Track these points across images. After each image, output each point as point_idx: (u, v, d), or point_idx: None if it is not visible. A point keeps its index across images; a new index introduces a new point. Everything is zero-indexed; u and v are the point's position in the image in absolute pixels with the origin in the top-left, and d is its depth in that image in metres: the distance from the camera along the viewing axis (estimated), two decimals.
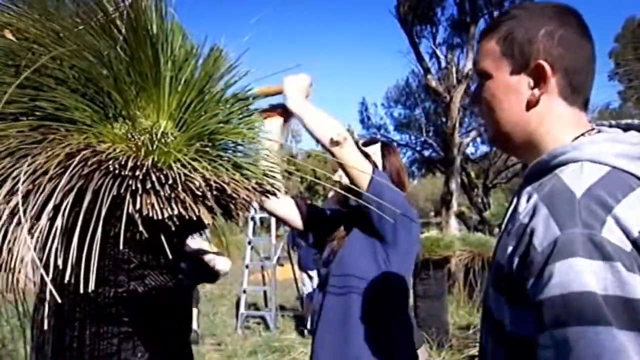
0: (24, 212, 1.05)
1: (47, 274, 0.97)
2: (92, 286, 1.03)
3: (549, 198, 0.83)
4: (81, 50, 1.21)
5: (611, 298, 0.71)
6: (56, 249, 1.05)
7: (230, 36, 1.35)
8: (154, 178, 1.13)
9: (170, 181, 1.13)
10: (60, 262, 1.04)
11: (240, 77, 1.32)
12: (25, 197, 1.06)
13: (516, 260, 0.84)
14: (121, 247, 1.11)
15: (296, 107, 1.81)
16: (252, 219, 7.41)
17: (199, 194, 1.11)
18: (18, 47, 1.24)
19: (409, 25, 17.42)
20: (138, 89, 1.23)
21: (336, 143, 1.77)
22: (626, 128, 0.95)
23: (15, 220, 1.04)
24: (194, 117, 1.24)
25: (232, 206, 1.24)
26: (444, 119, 18.30)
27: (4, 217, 1.03)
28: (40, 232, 1.07)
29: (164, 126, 1.23)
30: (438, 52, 18.46)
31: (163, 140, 1.19)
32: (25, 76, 1.10)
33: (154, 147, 1.17)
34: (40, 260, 1.08)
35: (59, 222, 1.07)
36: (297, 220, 2.20)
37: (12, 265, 1.08)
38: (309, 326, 6.53)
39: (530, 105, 0.92)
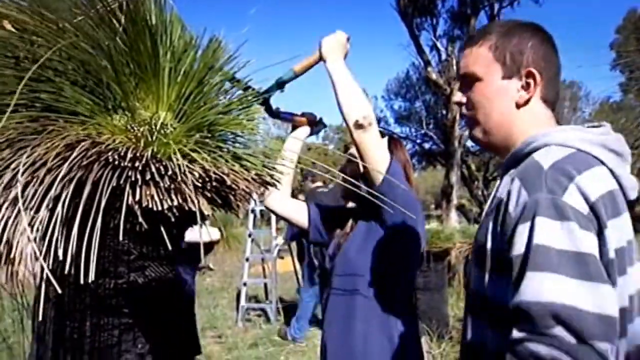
0: (23, 203, 1.05)
1: (47, 266, 0.97)
2: (92, 277, 1.04)
3: (522, 173, 0.96)
4: (80, 41, 1.21)
5: (564, 252, 0.83)
6: (56, 240, 1.05)
7: (229, 27, 1.35)
8: (153, 169, 1.13)
9: (170, 172, 1.12)
10: (60, 253, 1.04)
11: (240, 68, 1.32)
12: (25, 188, 1.06)
13: (498, 230, 0.96)
14: (121, 238, 1.11)
15: (335, 69, 1.73)
16: (253, 211, 7.41)
17: (199, 185, 1.11)
18: (17, 38, 1.23)
19: (409, 17, 17.36)
20: (137, 80, 1.23)
21: (360, 126, 1.71)
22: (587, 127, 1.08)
23: (14, 212, 1.04)
24: (193, 108, 1.24)
25: (231, 197, 1.24)
26: (444, 112, 18.26)
27: (4, 209, 1.03)
28: (40, 223, 1.07)
29: (163, 117, 1.22)
30: (438, 44, 18.40)
31: (162, 132, 1.19)
32: (29, 69, 1.09)
33: (154, 138, 1.17)
34: (40, 252, 1.08)
35: (58, 213, 1.07)
36: (302, 221, 2.18)
37: (11, 257, 1.08)
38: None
39: (519, 105, 1.06)
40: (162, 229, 1.04)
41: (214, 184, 1.15)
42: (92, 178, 1.09)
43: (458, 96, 1.12)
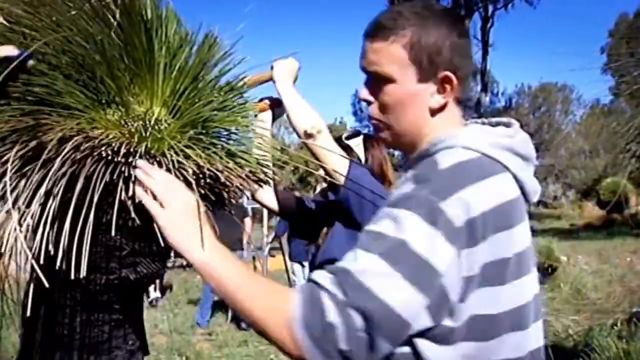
0: (15, 198, 1.04)
1: (38, 261, 0.96)
2: (83, 273, 1.03)
3: (418, 168, 0.94)
4: (74, 35, 1.20)
5: (414, 254, 0.81)
6: (47, 235, 1.04)
7: (225, 23, 1.34)
8: None
9: (164, 168, 1.12)
10: (51, 248, 1.04)
11: (235, 65, 1.31)
12: (17, 182, 1.05)
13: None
14: (113, 234, 1.10)
15: (283, 91, 1.82)
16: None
17: (192, 181, 1.10)
18: (9, 31, 1.22)
19: None
20: (132, 75, 1.22)
21: (309, 135, 1.80)
22: (496, 124, 1.04)
23: (5, 207, 1.03)
24: (187, 104, 1.23)
25: (225, 194, 1.24)
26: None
27: None
28: (31, 218, 1.06)
29: (157, 113, 1.22)
30: None
31: (156, 127, 1.18)
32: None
33: (147, 133, 1.16)
34: (30, 247, 1.07)
35: (50, 208, 1.06)
36: (274, 206, 2.24)
37: (1, 252, 1.08)
38: None
39: (432, 110, 0.98)
40: (155, 224, 1.04)
41: (208, 180, 1.14)
42: (85, 173, 1.09)
43: (364, 93, 1.02)
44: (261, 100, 1.97)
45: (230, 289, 0.93)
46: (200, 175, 1.12)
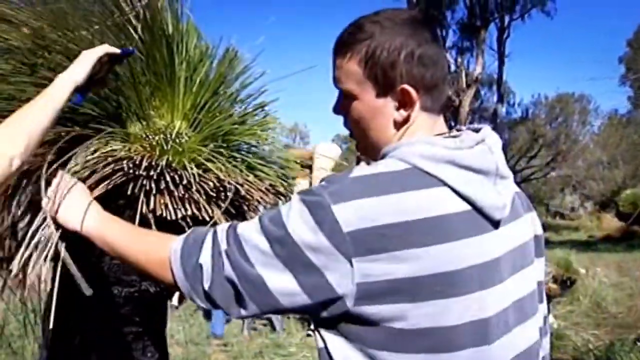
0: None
1: (59, 271, 0.97)
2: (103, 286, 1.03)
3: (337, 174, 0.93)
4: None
5: (293, 243, 0.83)
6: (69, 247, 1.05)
7: (245, 37, 1.35)
8: (168, 178, 1.13)
9: (185, 182, 1.12)
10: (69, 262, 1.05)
11: (256, 78, 1.32)
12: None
13: None
14: None
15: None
16: None
17: (213, 194, 1.11)
18: (34, 45, 1.24)
19: None
20: (153, 89, 1.23)
21: None
22: (476, 130, 0.99)
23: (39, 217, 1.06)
24: (208, 118, 1.24)
25: (245, 207, 1.24)
26: (453, 123, 18.26)
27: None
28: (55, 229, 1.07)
29: (178, 126, 1.23)
30: (448, 56, 18.41)
31: (177, 141, 1.19)
32: (46, 76, 1.10)
33: (169, 147, 1.17)
34: (52, 259, 1.08)
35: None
36: None
37: (20, 263, 1.09)
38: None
39: (397, 124, 0.95)
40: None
41: (228, 194, 1.15)
42: (106, 185, 1.09)
43: (336, 108, 1.01)
44: None
45: (123, 247, 1.00)
46: (221, 189, 1.13)
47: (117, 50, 1.10)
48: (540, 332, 1.01)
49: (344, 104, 0.98)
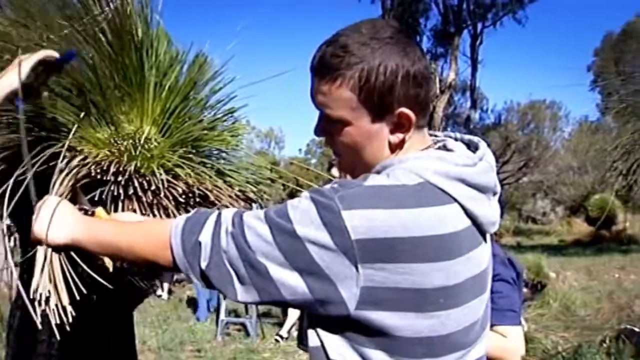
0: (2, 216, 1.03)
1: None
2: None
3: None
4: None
5: (297, 238, 0.82)
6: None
7: (215, 42, 1.35)
8: (136, 184, 1.12)
9: (153, 187, 1.12)
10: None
11: (226, 84, 1.32)
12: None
13: None
14: None
15: None
16: None
17: (182, 200, 1.11)
18: (1, 49, 1.22)
19: None
20: (122, 94, 1.23)
21: None
22: (468, 143, 0.98)
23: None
24: (178, 123, 1.24)
25: None
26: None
27: None
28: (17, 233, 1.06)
29: (147, 132, 1.22)
30: None
31: (146, 146, 1.19)
32: None
33: (137, 152, 1.17)
34: (16, 265, 1.06)
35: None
36: None
37: None
38: (283, 333, 6.52)
39: (392, 146, 0.92)
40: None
41: (197, 199, 1.15)
42: (72, 191, 1.08)
43: (321, 133, 0.97)
44: None
45: (118, 239, 0.96)
46: (190, 195, 1.13)
47: (56, 55, 1.05)
48: None
49: (331, 128, 0.93)
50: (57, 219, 0.99)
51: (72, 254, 1.01)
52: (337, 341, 0.86)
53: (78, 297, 0.98)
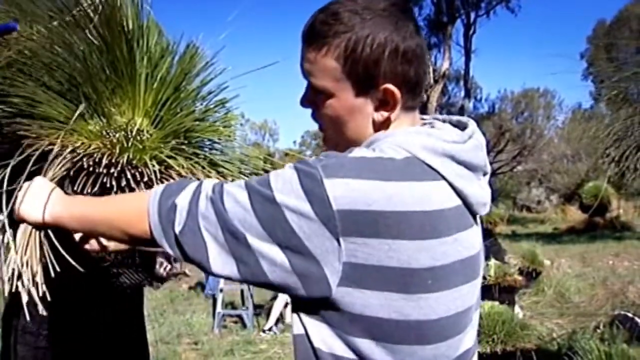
0: None
1: (20, 274, 0.96)
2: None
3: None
4: (55, 45, 1.20)
5: (275, 205, 0.78)
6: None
7: (207, 33, 1.35)
8: (129, 175, 1.12)
9: (146, 179, 1.12)
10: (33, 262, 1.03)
11: (217, 75, 1.32)
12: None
13: None
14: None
15: None
16: None
17: None
18: None
19: None
20: (113, 86, 1.22)
21: None
22: (457, 124, 0.95)
23: None
24: (169, 115, 1.24)
25: None
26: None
27: None
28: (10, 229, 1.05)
29: (139, 123, 1.22)
30: None
31: (138, 138, 1.18)
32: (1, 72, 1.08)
33: (129, 144, 1.16)
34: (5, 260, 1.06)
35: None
36: None
37: None
38: (266, 327, 6.55)
39: (376, 124, 0.89)
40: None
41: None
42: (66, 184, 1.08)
43: (305, 101, 0.94)
44: None
45: (94, 213, 0.93)
46: None
47: None
48: None
49: (316, 99, 0.91)
50: (39, 197, 0.96)
51: (51, 235, 0.99)
52: (322, 329, 0.83)
53: (52, 275, 0.96)
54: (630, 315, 4.88)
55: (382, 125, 0.90)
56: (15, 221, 1.00)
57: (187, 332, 6.71)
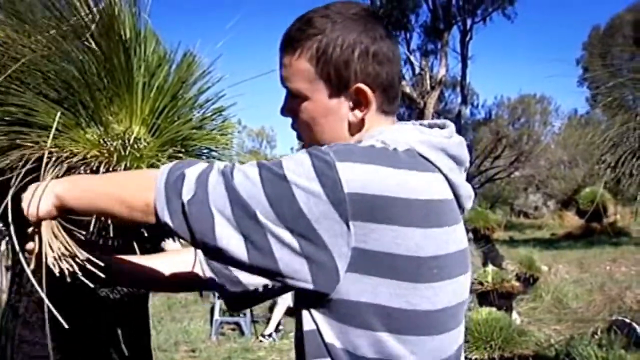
0: None
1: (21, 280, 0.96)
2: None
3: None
4: (53, 54, 1.20)
5: (273, 171, 0.79)
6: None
7: (204, 41, 1.36)
8: None
9: None
10: (27, 269, 1.03)
11: (214, 83, 1.32)
12: None
13: None
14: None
15: None
16: None
17: None
18: None
19: None
20: (111, 94, 1.23)
21: None
22: (430, 127, 0.96)
23: None
24: (167, 123, 1.24)
25: None
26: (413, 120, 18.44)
27: None
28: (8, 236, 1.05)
29: (136, 132, 1.22)
30: (412, 58, 18.67)
31: (136, 146, 1.19)
32: None
33: (127, 152, 1.17)
34: (7, 268, 1.06)
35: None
36: None
37: None
38: (266, 332, 6.52)
39: (352, 126, 0.91)
40: (135, 244, 1.04)
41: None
42: None
43: (285, 109, 0.95)
44: None
45: (100, 186, 0.89)
46: None
47: None
48: None
49: (292, 104, 0.93)
50: (41, 187, 0.92)
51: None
52: (333, 323, 0.82)
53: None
54: (627, 321, 4.88)
55: (357, 127, 0.91)
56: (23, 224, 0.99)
57: (185, 340, 6.69)
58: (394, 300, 0.81)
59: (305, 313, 0.84)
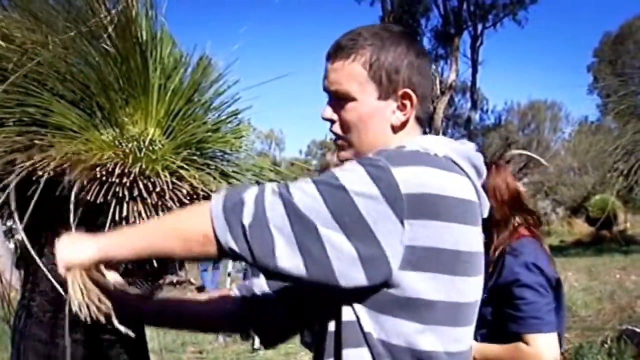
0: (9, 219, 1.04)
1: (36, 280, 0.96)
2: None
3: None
4: (70, 55, 1.21)
5: (346, 195, 0.83)
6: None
7: (219, 44, 1.36)
8: (141, 186, 1.13)
9: (158, 189, 1.13)
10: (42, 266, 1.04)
11: (229, 86, 1.33)
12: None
13: None
14: None
15: None
16: None
17: (186, 202, 1.11)
18: (4, 50, 1.23)
19: None
20: (126, 96, 1.24)
21: None
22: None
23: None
24: (182, 125, 1.25)
25: None
26: (427, 130, 18.41)
27: None
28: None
29: (151, 134, 1.23)
30: None
31: (151, 148, 1.19)
32: (18, 82, 1.09)
33: (142, 154, 1.17)
34: (19, 267, 1.07)
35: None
36: None
37: None
38: None
39: (394, 128, 0.99)
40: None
41: (202, 201, 1.15)
42: (76, 192, 1.09)
43: (328, 112, 1.01)
44: None
45: (151, 231, 0.93)
46: (194, 196, 1.14)
47: None
48: None
49: (338, 106, 1.00)
50: (79, 239, 0.96)
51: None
52: (373, 314, 0.88)
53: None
54: (638, 330, 4.83)
55: (398, 130, 0.99)
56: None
57: (192, 341, 6.69)
58: (435, 292, 0.87)
59: (345, 306, 0.89)
